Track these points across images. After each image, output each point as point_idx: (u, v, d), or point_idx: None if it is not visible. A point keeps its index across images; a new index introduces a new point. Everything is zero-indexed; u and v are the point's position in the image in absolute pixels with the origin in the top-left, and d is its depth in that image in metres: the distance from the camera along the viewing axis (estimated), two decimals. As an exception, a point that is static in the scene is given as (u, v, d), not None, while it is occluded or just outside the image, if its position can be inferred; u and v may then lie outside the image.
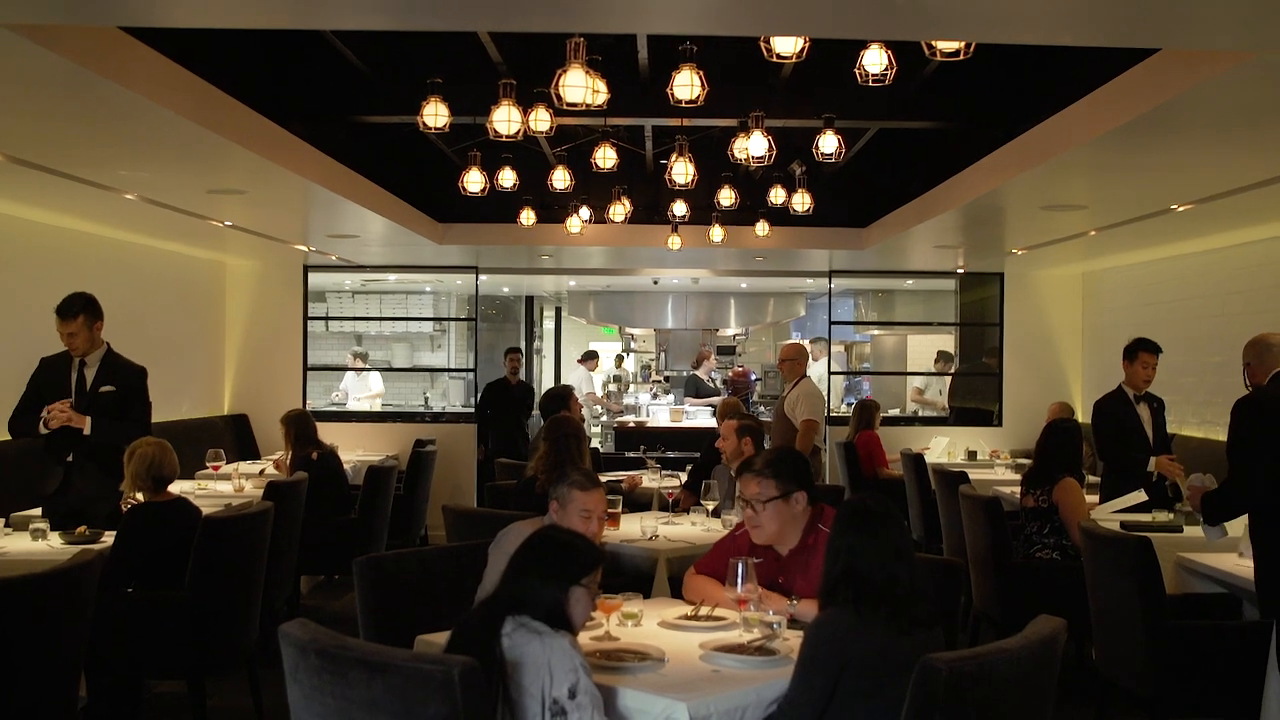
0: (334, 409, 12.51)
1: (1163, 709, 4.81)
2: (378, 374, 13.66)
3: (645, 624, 3.87)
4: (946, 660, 2.87)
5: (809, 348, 10.37)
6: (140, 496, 5.21)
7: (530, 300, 17.20)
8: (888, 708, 3.01)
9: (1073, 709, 5.60)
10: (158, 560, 5.06)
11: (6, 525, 5.86)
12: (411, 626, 3.83)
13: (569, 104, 4.58)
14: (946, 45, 4.02)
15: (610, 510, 5.91)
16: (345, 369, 13.66)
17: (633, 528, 5.94)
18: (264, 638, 5.48)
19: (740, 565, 3.80)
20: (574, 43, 4.53)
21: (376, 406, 12.99)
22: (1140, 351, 7.11)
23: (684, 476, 7.87)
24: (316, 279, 11.86)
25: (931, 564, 4.38)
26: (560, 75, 4.56)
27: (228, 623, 5.29)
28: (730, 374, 15.22)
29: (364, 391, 13.19)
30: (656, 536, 5.78)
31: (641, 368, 17.69)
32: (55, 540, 5.45)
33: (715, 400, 13.30)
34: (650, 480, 8.07)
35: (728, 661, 3.42)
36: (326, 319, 14.73)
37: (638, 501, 7.52)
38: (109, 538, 5.36)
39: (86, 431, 5.94)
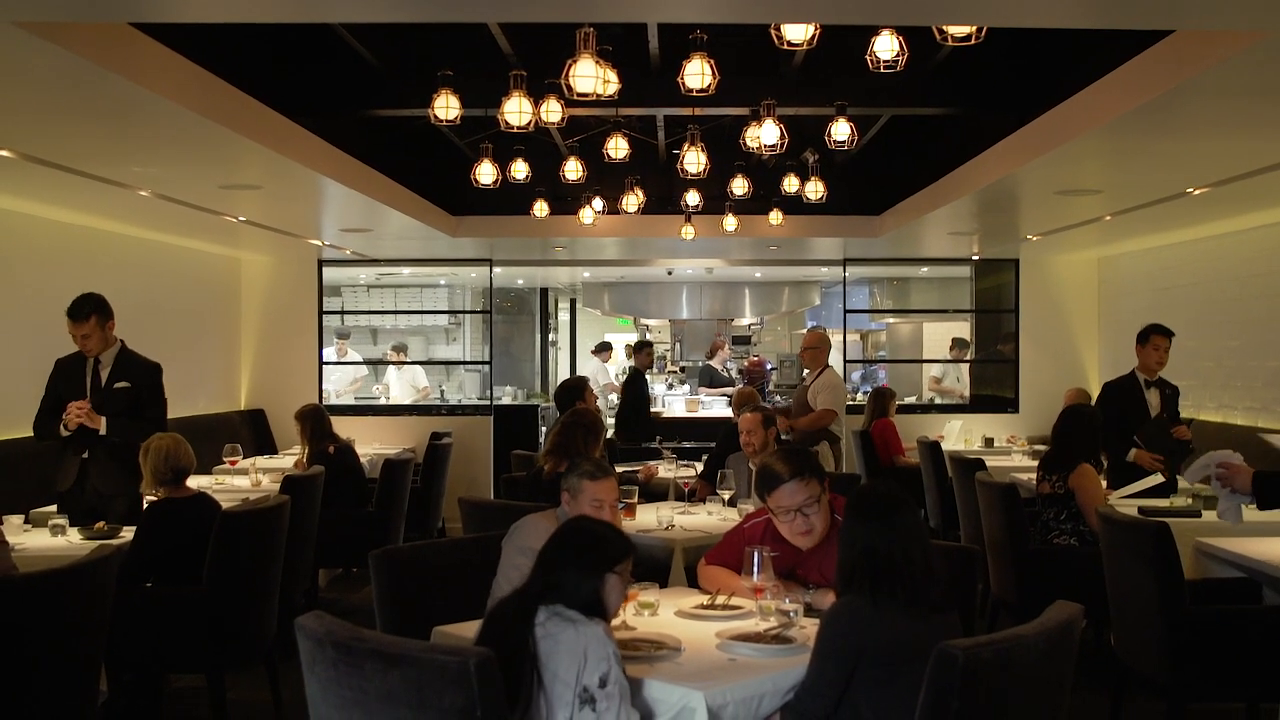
0: (351, 403, 12.53)
1: (1181, 694, 4.78)
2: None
3: (662, 613, 3.87)
4: (963, 647, 2.86)
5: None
6: (162, 492, 5.23)
7: (545, 292, 17.20)
8: (904, 694, 3.01)
9: (1091, 695, 5.58)
10: (177, 555, 5.08)
11: (26, 521, 5.90)
12: (428, 618, 3.83)
13: (579, 94, 4.57)
14: (957, 30, 3.99)
15: (626, 501, 5.93)
16: (370, 363, 13.65)
17: (649, 518, 5.94)
18: (282, 631, 5.50)
19: (756, 554, 3.79)
20: (584, 33, 4.52)
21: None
22: (1152, 334, 7.09)
23: (700, 466, 7.86)
24: (331, 273, 11.89)
25: (948, 550, 4.36)
26: (570, 65, 4.55)
27: (246, 617, 5.32)
28: (746, 363, 15.21)
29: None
30: (672, 526, 5.78)
31: (656, 358, 17.67)
32: (74, 536, 5.47)
33: (730, 390, 13.29)
34: (666, 470, 8.07)
35: (744, 650, 3.41)
36: (342, 313, 14.74)
37: (654, 492, 7.51)
38: (128, 533, 5.39)
39: (103, 431, 5.96)
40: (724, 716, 3.09)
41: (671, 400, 14.25)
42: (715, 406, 13.37)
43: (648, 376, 13.63)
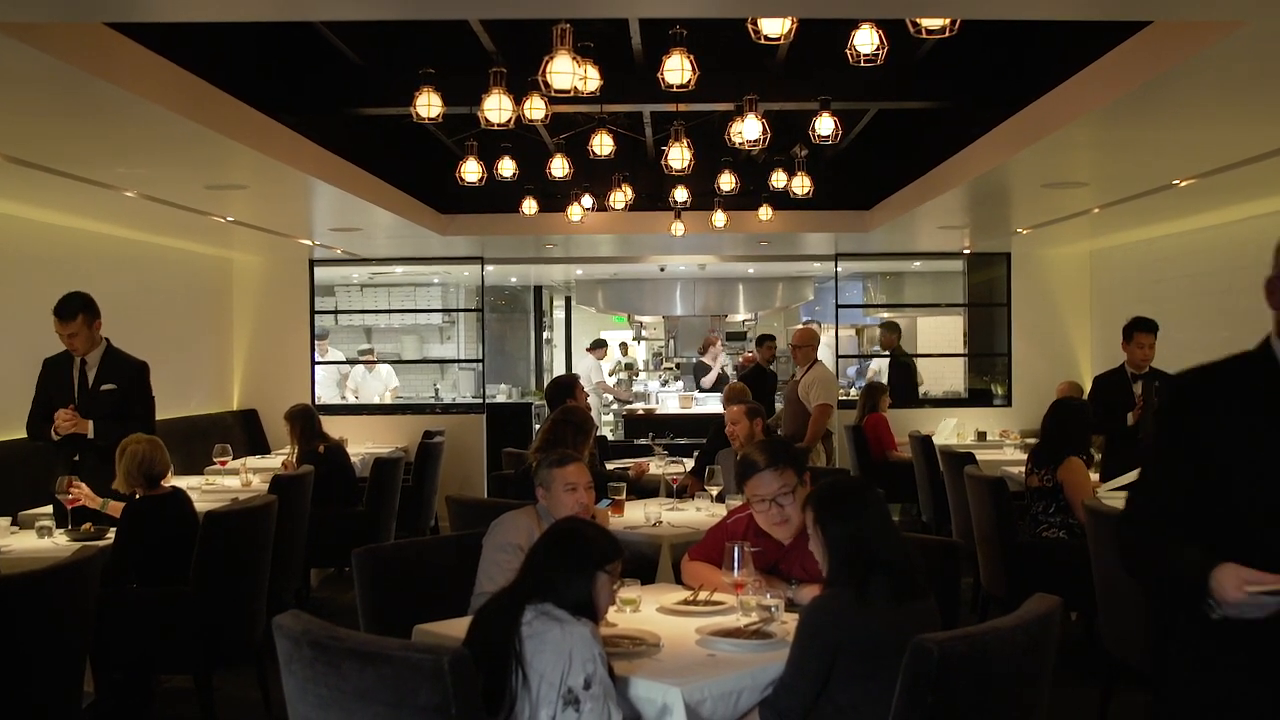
0: (343, 402, 12.52)
1: (1169, 686, 4.77)
2: (389, 368, 13.58)
3: (644, 609, 3.87)
4: (938, 640, 2.85)
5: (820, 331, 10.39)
6: (139, 490, 5.22)
7: (539, 290, 17.20)
8: (882, 689, 2.99)
9: (1080, 687, 5.58)
10: (158, 554, 5.07)
11: (14, 523, 5.90)
12: (412, 616, 3.82)
13: (557, 90, 4.57)
14: (931, 23, 3.98)
15: (614, 497, 5.93)
16: (353, 362, 13.63)
17: (636, 514, 5.92)
18: (271, 630, 5.48)
19: (736, 549, 3.79)
20: (560, 29, 4.51)
21: (392, 399, 12.95)
22: (1135, 332, 7.09)
23: (690, 463, 7.85)
24: (323, 273, 11.88)
25: (931, 545, 4.35)
26: (548, 62, 4.54)
27: (233, 616, 5.31)
28: (740, 359, 15.21)
29: (378, 389, 13.11)
30: (660, 523, 5.77)
31: (652, 355, 17.67)
32: (61, 538, 5.47)
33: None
34: (657, 467, 8.06)
35: (723, 645, 3.41)
36: (335, 312, 14.72)
37: (645, 488, 7.51)
38: (114, 534, 5.39)
39: (90, 435, 5.96)
40: (702, 712, 3.08)
41: (665, 397, 14.27)
42: (709, 403, 13.38)
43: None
